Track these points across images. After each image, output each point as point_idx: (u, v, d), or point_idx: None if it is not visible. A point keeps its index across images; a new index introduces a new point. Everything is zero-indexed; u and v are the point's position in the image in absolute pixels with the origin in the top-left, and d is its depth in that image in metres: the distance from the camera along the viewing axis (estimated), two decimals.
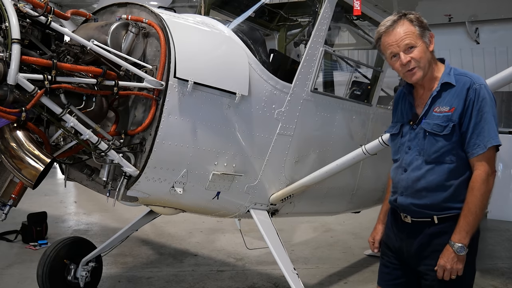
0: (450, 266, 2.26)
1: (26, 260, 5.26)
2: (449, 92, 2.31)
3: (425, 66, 2.32)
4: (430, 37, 2.34)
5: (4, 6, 2.35)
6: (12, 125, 2.50)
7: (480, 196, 2.23)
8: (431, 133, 2.31)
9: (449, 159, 2.30)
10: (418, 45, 2.30)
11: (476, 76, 2.33)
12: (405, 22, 2.31)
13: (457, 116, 2.26)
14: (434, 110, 2.32)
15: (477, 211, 2.23)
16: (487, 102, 2.25)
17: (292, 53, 4.64)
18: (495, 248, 6.70)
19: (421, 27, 2.31)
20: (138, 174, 2.85)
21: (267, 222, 3.53)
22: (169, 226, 6.68)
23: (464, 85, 2.28)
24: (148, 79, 2.73)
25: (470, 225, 2.24)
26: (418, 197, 2.35)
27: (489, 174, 2.24)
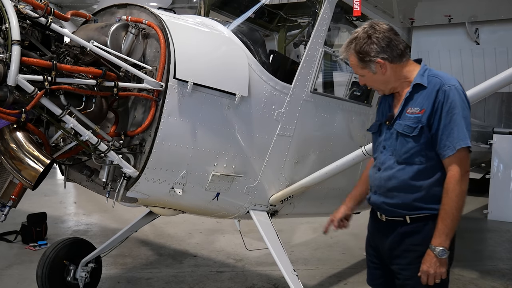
0: (434, 270, 2.25)
1: (25, 260, 5.25)
2: (421, 94, 2.32)
3: (379, 88, 2.45)
4: (377, 67, 2.33)
5: (5, 7, 2.36)
6: (12, 126, 2.51)
7: (455, 197, 2.22)
8: (402, 134, 2.33)
9: (418, 160, 2.31)
10: (364, 75, 2.40)
11: (447, 78, 2.32)
12: (351, 55, 2.39)
13: (426, 118, 2.27)
14: (407, 111, 2.34)
15: (453, 212, 2.22)
16: (456, 104, 2.23)
17: (291, 54, 4.65)
18: (495, 249, 6.70)
19: (363, 60, 2.34)
20: (137, 175, 2.85)
21: (266, 223, 3.53)
22: (169, 227, 6.68)
23: (434, 87, 2.28)
24: (148, 80, 2.74)
25: (449, 227, 2.23)
26: (390, 197, 2.39)
27: (461, 174, 2.23)
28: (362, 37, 2.32)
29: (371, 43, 2.30)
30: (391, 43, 2.31)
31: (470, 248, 6.66)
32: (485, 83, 2.89)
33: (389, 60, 2.32)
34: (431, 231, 2.28)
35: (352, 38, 2.36)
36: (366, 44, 2.31)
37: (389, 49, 2.31)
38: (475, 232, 7.66)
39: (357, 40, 2.33)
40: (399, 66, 2.36)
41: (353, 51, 2.35)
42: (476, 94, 2.88)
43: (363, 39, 2.32)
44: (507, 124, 10.33)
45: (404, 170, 2.34)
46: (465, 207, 7.49)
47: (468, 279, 5.30)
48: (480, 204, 9.27)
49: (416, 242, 2.33)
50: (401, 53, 2.34)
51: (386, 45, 2.30)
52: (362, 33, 2.33)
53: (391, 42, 2.31)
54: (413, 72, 2.37)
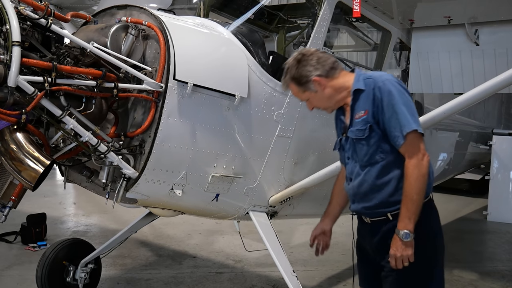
0: (400, 253, 2.34)
1: (25, 261, 5.25)
2: (361, 97, 2.42)
3: (327, 106, 2.56)
4: (315, 85, 2.47)
5: (5, 9, 2.36)
6: (12, 127, 2.51)
7: (414, 181, 2.29)
8: (356, 139, 2.44)
9: (379, 157, 2.40)
10: (308, 98, 2.54)
11: (379, 75, 2.44)
12: (289, 84, 2.54)
13: (371, 117, 2.37)
14: (355, 117, 2.45)
15: (413, 196, 2.29)
16: (393, 95, 2.32)
17: (291, 55, 4.64)
18: (495, 251, 6.70)
19: (300, 83, 2.48)
20: (137, 176, 2.85)
21: (266, 224, 3.53)
22: (168, 228, 6.68)
23: (370, 87, 2.39)
24: (148, 81, 2.74)
25: (411, 211, 2.31)
26: (367, 200, 2.47)
27: (418, 158, 2.31)
28: (293, 64, 2.50)
29: (303, 66, 2.47)
30: (320, 60, 2.47)
31: (470, 249, 6.67)
32: (484, 84, 2.89)
33: (323, 75, 2.46)
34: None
35: (286, 70, 2.53)
36: (298, 68, 2.47)
37: (320, 66, 2.46)
38: (474, 234, 7.67)
39: (290, 69, 2.50)
40: (335, 78, 2.49)
41: (290, 79, 2.52)
42: (476, 95, 2.88)
43: (294, 66, 2.49)
44: (506, 125, 10.34)
45: (370, 172, 2.43)
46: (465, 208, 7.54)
47: (468, 281, 5.30)
48: (480, 205, 9.28)
49: None
50: (332, 66, 2.49)
51: (316, 62, 2.46)
52: (292, 61, 2.51)
53: (320, 59, 2.47)
54: (350, 81, 2.49)
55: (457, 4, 4.31)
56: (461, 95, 2.95)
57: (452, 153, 7.16)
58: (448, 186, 9.30)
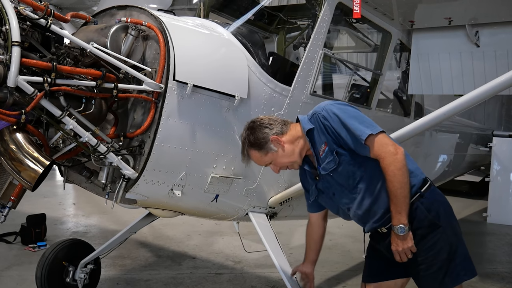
0: (401, 247, 2.40)
1: (25, 261, 5.25)
2: (315, 135, 2.47)
3: (290, 160, 2.54)
4: (275, 144, 2.49)
5: (5, 9, 2.35)
6: (12, 128, 2.51)
7: (392, 177, 2.32)
8: (332, 171, 2.46)
9: (360, 172, 2.43)
10: (271, 160, 2.54)
11: (318, 107, 2.49)
12: (250, 151, 2.54)
13: (333, 144, 2.42)
14: (320, 155, 2.48)
15: (396, 191, 2.32)
16: (337, 114, 2.38)
17: (291, 56, 4.65)
18: (495, 253, 6.69)
19: (260, 146, 2.50)
20: (137, 177, 2.85)
21: (265, 225, 3.53)
22: (168, 229, 6.68)
23: (317, 121, 2.45)
24: (148, 81, 2.74)
25: (398, 205, 2.34)
26: (373, 215, 2.50)
27: (389, 155, 2.32)
28: (248, 133, 2.53)
29: (258, 131, 2.51)
30: (270, 120, 2.55)
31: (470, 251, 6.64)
32: (485, 86, 2.89)
33: (279, 132, 2.51)
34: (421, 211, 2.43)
35: (242, 142, 2.56)
36: (254, 134, 2.51)
37: (273, 125, 2.52)
38: (474, 235, 7.65)
39: (246, 138, 2.53)
40: (289, 133, 2.53)
41: (249, 147, 2.53)
42: (476, 97, 2.88)
43: (250, 134, 2.53)
44: (507, 127, 10.34)
45: (362, 189, 2.46)
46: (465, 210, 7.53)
47: (467, 282, 5.25)
48: (480, 207, 9.27)
49: (414, 228, 2.44)
50: (283, 122, 2.56)
51: (268, 124, 2.52)
52: (246, 131, 2.55)
53: (271, 120, 2.55)
54: (299, 128, 2.54)
55: (457, 6, 4.31)
56: (461, 97, 2.95)
57: (452, 154, 7.16)
58: (448, 188, 9.28)
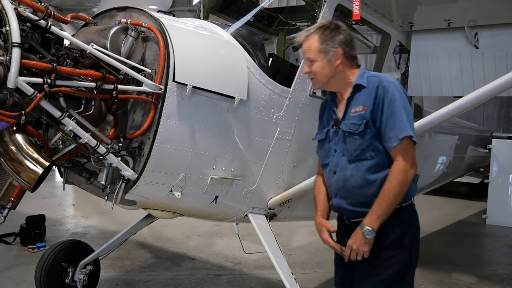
0: (356, 246, 2.37)
1: (24, 262, 5.25)
2: (362, 93, 2.44)
3: (321, 80, 2.50)
4: (335, 54, 2.45)
5: (5, 10, 2.36)
6: (12, 129, 2.51)
7: (396, 184, 2.31)
8: (349, 133, 2.43)
9: (369, 155, 2.40)
10: (317, 60, 2.47)
11: (385, 76, 2.48)
12: (313, 37, 2.47)
13: (369, 114, 2.38)
14: (351, 112, 2.45)
15: (390, 197, 2.30)
16: (396, 97, 2.35)
17: (290, 57, 4.65)
18: (494, 254, 6.70)
19: (325, 42, 2.44)
20: (136, 178, 2.85)
21: (265, 226, 3.53)
22: (167, 230, 6.68)
23: (374, 84, 2.41)
24: (147, 83, 2.74)
25: (382, 210, 2.31)
26: (349, 197, 2.46)
27: (405, 164, 2.31)
28: (330, 26, 2.48)
29: (338, 33, 2.46)
30: (352, 42, 2.51)
31: (469, 252, 6.67)
32: (484, 87, 2.89)
33: (346, 55, 2.47)
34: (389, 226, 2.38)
35: (319, 26, 2.49)
36: (334, 32, 2.46)
37: (350, 46, 2.49)
38: (473, 237, 7.67)
39: (324, 27, 2.47)
40: (349, 65, 2.50)
41: (319, 33, 2.46)
42: (475, 98, 2.88)
43: (331, 28, 2.47)
44: (506, 128, 10.34)
45: (357, 168, 2.42)
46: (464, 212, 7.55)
47: (467, 284, 5.30)
48: (479, 208, 9.28)
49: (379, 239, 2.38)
50: (355, 55, 2.52)
51: (349, 41, 2.49)
52: (330, 23, 2.50)
53: (352, 42, 2.52)
54: (354, 75, 2.50)
55: (457, 7, 4.32)
56: (461, 98, 2.95)
57: (451, 156, 7.16)
58: (447, 189, 9.31)
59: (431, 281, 5.26)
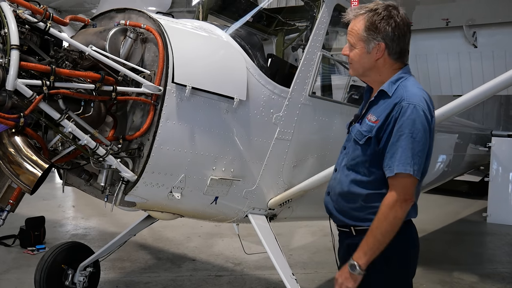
0: (341, 280, 2.15)
1: (23, 265, 5.24)
2: (383, 102, 2.18)
3: (357, 69, 2.26)
4: (376, 48, 2.17)
5: (4, 12, 2.36)
6: (10, 131, 2.50)
7: (384, 220, 2.07)
8: (354, 140, 2.27)
9: (362, 171, 2.22)
10: (356, 47, 2.21)
11: (413, 94, 2.13)
12: (361, 20, 2.17)
13: (376, 130, 2.15)
14: (367, 117, 2.23)
15: (378, 235, 2.08)
16: (409, 124, 2.06)
17: (290, 58, 4.65)
18: (495, 253, 6.70)
19: (369, 31, 2.15)
20: (136, 179, 2.85)
21: (265, 227, 3.53)
22: (167, 231, 6.67)
23: (395, 99, 2.14)
24: (146, 84, 2.74)
25: (369, 246, 2.09)
26: (335, 201, 2.34)
27: (397, 200, 2.06)
28: (382, 13, 2.15)
29: (387, 24, 2.14)
30: (401, 38, 2.18)
31: (470, 251, 6.67)
32: (483, 86, 2.89)
33: (390, 51, 2.19)
34: None
35: (372, 7, 2.17)
36: (384, 21, 2.14)
37: (397, 42, 2.18)
38: (474, 235, 7.67)
39: (376, 12, 2.15)
40: (391, 63, 2.22)
41: (366, 18, 2.16)
42: (475, 97, 2.89)
43: (382, 15, 2.14)
44: (505, 127, 10.36)
45: (349, 176, 2.26)
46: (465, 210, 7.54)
47: (468, 283, 5.30)
48: (479, 207, 9.28)
49: None
50: (400, 51, 2.21)
51: (398, 37, 2.16)
52: (385, 8, 2.16)
53: (402, 38, 2.18)
54: (390, 76, 2.23)
55: (455, 7, 4.33)
56: (460, 97, 2.96)
57: (451, 155, 7.16)
58: (448, 188, 9.31)
59: (432, 280, 5.26)
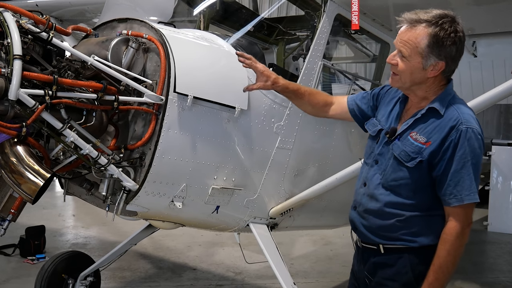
0: None
1: (23, 274, 5.21)
2: (434, 122, 2.04)
3: (404, 82, 2.08)
4: (435, 66, 2.01)
5: (7, 23, 2.38)
6: (13, 140, 2.51)
7: (454, 251, 2.01)
8: (396, 159, 2.10)
9: (405, 194, 2.10)
10: (410, 60, 2.01)
11: (468, 115, 2.02)
12: (422, 32, 1.96)
13: (429, 153, 2.02)
14: (411, 135, 2.08)
15: (448, 267, 2.01)
16: (472, 149, 1.98)
17: (290, 67, 4.67)
18: (496, 261, 6.67)
19: (432, 49, 1.96)
20: (137, 189, 2.85)
21: (266, 236, 3.52)
22: (168, 240, 6.65)
23: (450, 121, 2.00)
24: (148, 93, 2.75)
25: (440, 281, 2.01)
26: (366, 218, 2.22)
27: (463, 227, 2.03)
28: (449, 29, 1.95)
29: (453, 43, 1.97)
30: (459, 56, 2.04)
31: (470, 260, 6.63)
32: (483, 95, 2.91)
33: (445, 69, 2.03)
34: (405, 266, 2.12)
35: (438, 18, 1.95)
36: (449, 38, 1.95)
37: (455, 62, 2.04)
38: (475, 244, 7.63)
39: (443, 25, 1.95)
40: (440, 79, 2.07)
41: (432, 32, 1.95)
42: (475, 106, 2.88)
43: (449, 31, 1.95)
44: (505, 135, 10.35)
45: (386, 197, 2.13)
46: None
47: None
48: (480, 215, 9.24)
49: (387, 276, 2.16)
50: (454, 70, 2.09)
51: (459, 55, 2.02)
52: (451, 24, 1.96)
53: (460, 56, 2.04)
54: (438, 93, 2.08)
55: None
56: None
57: None
58: None
59: None
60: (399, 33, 2.04)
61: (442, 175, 2.02)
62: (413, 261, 2.12)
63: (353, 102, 2.47)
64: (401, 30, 2.04)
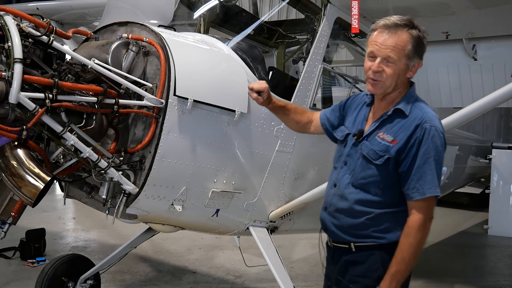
0: None
1: (23, 277, 5.21)
2: (399, 121, 2.15)
3: (389, 85, 2.15)
4: (415, 67, 2.16)
5: (7, 26, 2.39)
6: (13, 143, 2.51)
7: (416, 243, 2.09)
8: (365, 158, 2.18)
9: (374, 192, 2.18)
10: (398, 64, 2.10)
11: (430, 113, 2.15)
12: (407, 34, 2.09)
13: (395, 151, 2.11)
14: (378, 134, 2.17)
15: (410, 259, 2.09)
16: (435, 146, 2.08)
17: (290, 70, 4.68)
18: (496, 265, 6.65)
19: (416, 49, 2.11)
20: (137, 192, 2.85)
21: (266, 239, 3.52)
22: (168, 243, 6.64)
23: (415, 120, 2.11)
24: (148, 97, 2.75)
25: (401, 273, 2.10)
26: (337, 218, 2.28)
27: (425, 221, 2.10)
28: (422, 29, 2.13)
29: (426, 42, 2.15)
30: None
31: (471, 263, 6.63)
32: (483, 99, 2.91)
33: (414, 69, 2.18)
34: (376, 263, 2.18)
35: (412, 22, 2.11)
36: (425, 38, 2.13)
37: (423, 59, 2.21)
38: (475, 248, 7.62)
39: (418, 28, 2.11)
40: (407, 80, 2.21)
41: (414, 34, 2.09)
42: (475, 110, 2.90)
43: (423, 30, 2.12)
44: (506, 139, 10.35)
45: (355, 195, 2.21)
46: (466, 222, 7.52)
47: None
48: (480, 219, 9.23)
49: (359, 273, 2.22)
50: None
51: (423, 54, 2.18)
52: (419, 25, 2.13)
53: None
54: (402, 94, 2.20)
55: (455, 20, 4.35)
56: (461, 110, 2.97)
57: (452, 167, 7.16)
58: (448, 200, 9.27)
59: None
60: (381, 41, 2.10)
61: (407, 171, 2.11)
62: (384, 257, 2.18)
63: (324, 116, 2.58)
64: (381, 37, 2.11)
